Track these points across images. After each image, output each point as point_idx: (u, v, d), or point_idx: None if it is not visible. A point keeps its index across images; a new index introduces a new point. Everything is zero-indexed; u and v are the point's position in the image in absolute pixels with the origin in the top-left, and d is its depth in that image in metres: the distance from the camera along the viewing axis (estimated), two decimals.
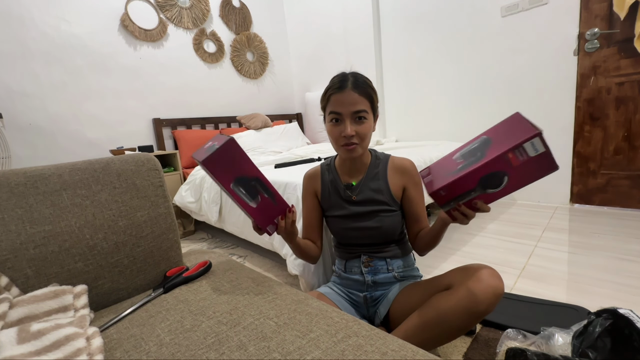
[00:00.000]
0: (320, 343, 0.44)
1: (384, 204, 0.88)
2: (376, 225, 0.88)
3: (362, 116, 0.81)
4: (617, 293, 1.12)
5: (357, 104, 0.80)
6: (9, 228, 0.60)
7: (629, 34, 1.78)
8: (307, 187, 0.99)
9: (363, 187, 0.90)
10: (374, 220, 0.88)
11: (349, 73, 0.85)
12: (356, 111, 0.80)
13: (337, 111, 0.81)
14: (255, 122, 2.83)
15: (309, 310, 0.53)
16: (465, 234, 1.78)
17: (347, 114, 0.80)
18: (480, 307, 0.67)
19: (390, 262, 0.91)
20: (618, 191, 1.96)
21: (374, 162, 0.92)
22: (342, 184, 0.92)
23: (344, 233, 0.93)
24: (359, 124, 0.81)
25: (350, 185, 0.91)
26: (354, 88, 0.80)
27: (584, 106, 1.99)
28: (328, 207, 0.95)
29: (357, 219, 0.90)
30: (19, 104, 1.96)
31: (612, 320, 0.64)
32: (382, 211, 0.88)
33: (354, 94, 0.80)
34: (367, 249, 0.92)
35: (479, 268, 0.71)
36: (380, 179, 0.90)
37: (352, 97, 0.80)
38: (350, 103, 0.80)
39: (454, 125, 2.59)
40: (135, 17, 2.39)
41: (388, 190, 0.89)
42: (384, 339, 0.45)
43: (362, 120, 0.81)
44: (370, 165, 0.92)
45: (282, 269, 1.55)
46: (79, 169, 0.72)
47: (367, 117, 0.81)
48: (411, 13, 2.65)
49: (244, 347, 0.43)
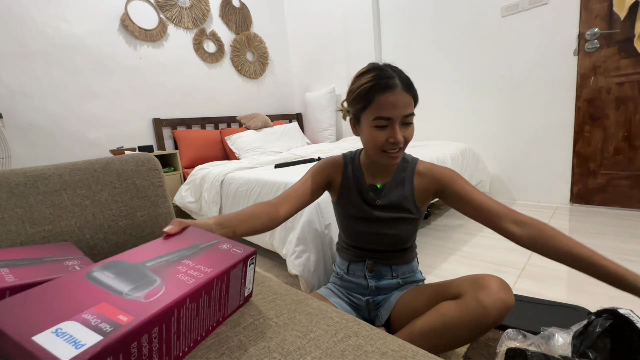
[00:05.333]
0: (320, 343, 0.44)
1: (407, 211, 0.82)
2: (393, 232, 0.83)
3: (410, 121, 0.73)
4: (617, 293, 1.11)
5: (408, 106, 0.72)
6: (9, 228, 0.60)
7: (629, 34, 1.78)
8: (323, 173, 0.87)
9: (387, 192, 0.83)
10: (393, 227, 0.83)
11: (389, 67, 0.74)
12: (407, 115, 0.72)
13: (386, 116, 0.71)
14: (255, 122, 2.83)
15: (309, 310, 0.53)
16: (465, 234, 1.78)
17: (397, 118, 0.71)
18: (489, 320, 0.65)
19: (395, 268, 0.88)
20: (618, 191, 1.96)
21: (401, 165, 0.84)
22: (366, 184, 0.85)
23: (356, 236, 0.88)
24: (406, 129, 0.73)
25: (374, 187, 0.84)
26: (405, 89, 0.71)
27: (584, 106, 1.99)
28: (345, 204, 0.87)
29: (376, 223, 0.84)
30: (19, 104, 1.96)
31: (612, 320, 0.64)
32: (403, 219, 0.83)
33: (406, 95, 0.71)
34: (375, 254, 0.88)
35: (489, 279, 0.68)
36: (406, 184, 0.82)
37: (404, 100, 0.71)
38: (402, 106, 0.71)
39: (454, 125, 2.59)
40: (135, 17, 2.39)
41: (412, 197, 0.82)
42: (384, 339, 0.45)
43: (410, 124, 0.74)
44: (397, 168, 0.84)
45: (282, 269, 1.55)
46: (79, 169, 0.71)
47: (413, 120, 0.74)
48: (411, 13, 2.65)
49: (244, 347, 0.43)
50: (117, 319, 0.32)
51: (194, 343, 0.42)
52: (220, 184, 1.83)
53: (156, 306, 0.34)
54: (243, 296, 0.52)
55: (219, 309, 0.46)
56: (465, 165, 2.09)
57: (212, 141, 2.69)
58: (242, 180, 1.69)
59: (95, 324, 0.31)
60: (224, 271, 0.44)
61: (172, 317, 0.36)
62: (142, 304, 0.35)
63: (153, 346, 0.34)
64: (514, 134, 2.29)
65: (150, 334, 0.33)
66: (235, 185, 1.72)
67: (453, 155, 1.98)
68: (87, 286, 0.37)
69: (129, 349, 0.31)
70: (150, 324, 0.33)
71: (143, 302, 0.35)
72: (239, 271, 0.48)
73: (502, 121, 2.33)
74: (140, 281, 0.39)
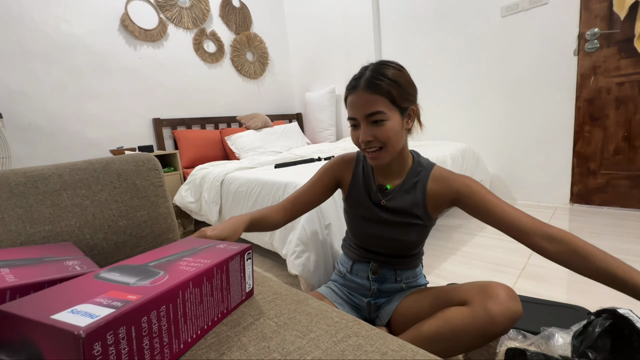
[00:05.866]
0: (320, 343, 0.44)
1: (416, 218, 0.79)
2: (401, 238, 0.80)
3: (378, 119, 0.70)
4: (617, 293, 1.11)
5: (369, 105, 0.70)
6: (9, 228, 0.60)
7: (629, 34, 1.78)
8: (334, 168, 0.88)
9: (397, 194, 0.80)
10: (400, 232, 0.80)
11: (371, 66, 0.73)
12: (370, 114, 0.70)
13: (351, 116, 0.73)
14: (255, 122, 2.83)
15: (309, 310, 0.53)
16: (465, 234, 1.78)
17: (361, 117, 0.71)
18: (497, 329, 0.64)
19: (399, 273, 0.87)
20: (618, 191, 1.96)
21: (414, 169, 0.81)
22: (375, 184, 0.83)
23: (362, 237, 0.87)
24: (377, 127, 0.71)
25: (384, 187, 0.82)
26: (366, 87, 0.70)
27: (584, 106, 1.99)
28: (353, 203, 0.86)
29: (382, 226, 0.81)
30: (19, 104, 1.96)
31: (612, 320, 0.64)
32: (411, 225, 0.79)
33: (365, 95, 0.70)
34: (380, 257, 0.86)
35: (498, 288, 0.67)
36: (418, 189, 0.79)
37: (363, 99, 0.70)
38: (362, 105, 0.70)
39: (454, 125, 2.59)
40: (135, 17, 2.39)
41: (424, 204, 0.78)
42: (384, 339, 0.45)
43: (380, 122, 0.70)
44: (410, 171, 0.81)
45: (282, 269, 1.55)
46: (79, 169, 0.72)
47: (387, 117, 0.70)
48: (411, 13, 2.65)
49: (244, 347, 0.43)
50: (127, 297, 0.35)
51: (201, 331, 0.44)
52: (220, 184, 1.83)
53: (162, 287, 0.38)
54: (245, 291, 0.54)
55: (222, 299, 0.48)
56: (465, 165, 2.09)
57: (212, 141, 2.69)
58: (242, 180, 1.69)
59: (107, 304, 0.34)
60: (223, 261, 0.48)
61: (177, 298, 0.39)
62: (148, 287, 0.38)
63: (162, 325, 0.37)
64: (514, 134, 2.29)
65: (158, 311, 0.36)
66: (235, 185, 1.72)
67: (453, 155, 1.98)
68: (96, 283, 0.40)
69: (140, 322, 0.34)
70: (157, 301, 0.36)
71: (150, 286, 0.38)
72: (237, 264, 0.51)
73: (502, 121, 2.33)
74: (145, 274, 0.42)
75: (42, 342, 0.30)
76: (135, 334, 0.33)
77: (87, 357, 0.28)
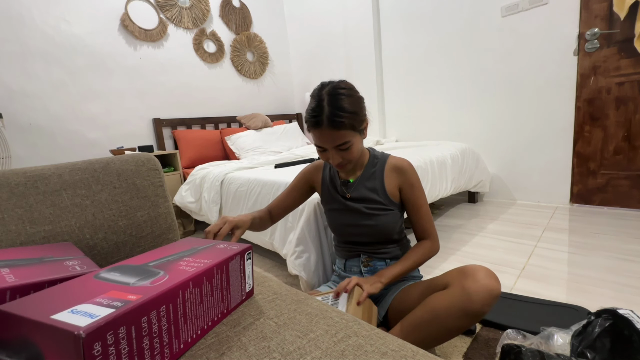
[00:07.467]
0: (320, 343, 0.44)
1: (379, 203, 0.89)
2: (372, 223, 0.89)
3: (346, 147, 0.79)
4: (617, 293, 1.12)
5: (336, 139, 0.78)
6: (9, 228, 0.60)
7: (629, 34, 1.78)
8: (307, 175, 1.01)
9: (358, 186, 0.91)
10: (370, 219, 0.89)
11: (325, 97, 0.78)
12: (337, 145, 0.79)
13: (319, 145, 0.82)
14: (255, 122, 2.83)
15: (309, 310, 0.53)
16: (465, 234, 1.78)
17: (330, 148, 0.80)
18: (475, 307, 0.66)
19: (390, 262, 0.91)
20: (618, 191, 1.96)
21: (371, 161, 0.92)
22: (339, 179, 0.94)
23: (341, 229, 0.95)
24: (344, 152, 0.80)
25: (347, 182, 0.92)
26: (330, 126, 0.76)
27: (584, 106, 1.99)
28: (326, 200, 0.98)
29: (353, 214, 0.91)
30: (19, 104, 1.96)
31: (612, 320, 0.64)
32: (377, 209, 0.89)
33: (330, 132, 0.77)
34: (367, 248, 0.93)
35: (475, 268, 0.72)
36: (376, 178, 0.90)
37: (330, 135, 0.77)
38: (330, 140, 0.78)
39: (454, 125, 2.59)
40: (135, 17, 2.39)
41: (383, 189, 0.89)
42: (384, 339, 0.45)
43: (347, 148, 0.80)
44: (367, 164, 0.92)
45: (282, 269, 1.55)
46: (79, 169, 0.72)
47: (352, 142, 0.80)
48: (411, 13, 2.65)
49: (244, 347, 0.43)
50: (127, 298, 0.35)
51: (201, 331, 0.44)
52: (220, 184, 1.83)
53: (162, 287, 0.38)
54: (245, 291, 0.54)
55: (222, 299, 0.48)
56: (465, 165, 2.09)
57: (212, 141, 2.69)
58: (242, 180, 1.69)
59: (107, 304, 0.34)
60: (223, 261, 0.48)
61: (178, 298, 0.39)
62: (149, 287, 0.38)
63: (162, 325, 0.37)
64: (514, 134, 2.29)
65: (158, 311, 0.36)
66: (235, 185, 1.72)
67: (453, 155, 1.98)
68: (96, 283, 0.40)
69: (140, 322, 0.34)
70: (157, 301, 0.36)
71: (150, 286, 0.38)
72: (237, 264, 0.51)
73: (502, 121, 2.33)
74: (145, 274, 0.42)
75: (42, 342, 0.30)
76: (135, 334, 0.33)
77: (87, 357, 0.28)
